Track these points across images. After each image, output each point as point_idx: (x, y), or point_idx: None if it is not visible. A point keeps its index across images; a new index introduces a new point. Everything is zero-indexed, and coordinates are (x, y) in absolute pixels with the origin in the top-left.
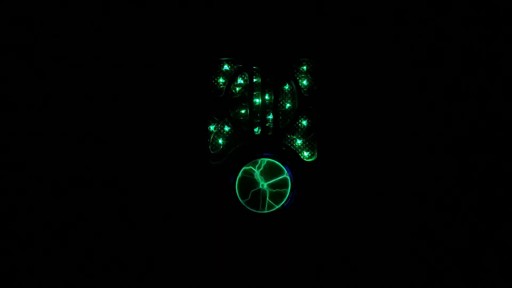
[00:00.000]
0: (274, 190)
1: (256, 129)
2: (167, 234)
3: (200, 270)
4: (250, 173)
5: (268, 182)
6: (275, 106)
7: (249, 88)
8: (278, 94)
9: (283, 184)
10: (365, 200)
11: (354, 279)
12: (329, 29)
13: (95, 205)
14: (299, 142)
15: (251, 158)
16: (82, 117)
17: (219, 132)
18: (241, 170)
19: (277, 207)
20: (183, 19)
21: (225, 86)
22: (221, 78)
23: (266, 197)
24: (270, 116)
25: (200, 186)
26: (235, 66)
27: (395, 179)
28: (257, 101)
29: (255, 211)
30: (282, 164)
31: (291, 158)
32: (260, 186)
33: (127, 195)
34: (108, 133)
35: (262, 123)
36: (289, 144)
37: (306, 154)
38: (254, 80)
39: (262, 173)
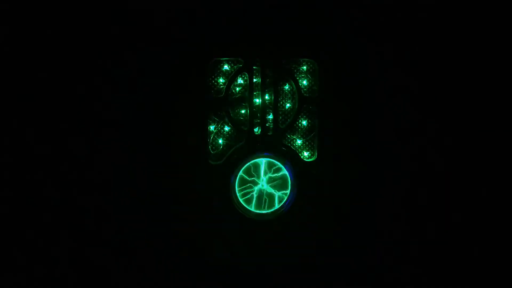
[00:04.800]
0: (274, 190)
1: (256, 129)
2: (167, 234)
3: (199, 270)
4: (250, 173)
5: (268, 182)
6: (275, 106)
7: (249, 88)
8: (278, 94)
9: (283, 183)
10: (364, 200)
11: (353, 279)
12: (329, 29)
13: (94, 205)
14: (299, 142)
15: (251, 158)
16: (82, 117)
17: (219, 132)
18: (241, 170)
19: (277, 206)
20: (184, 19)
21: (225, 86)
22: (221, 78)
23: (266, 196)
24: (270, 116)
25: (200, 186)
26: (235, 66)
27: (394, 179)
28: (257, 101)
29: (255, 211)
30: (282, 164)
31: (291, 158)
32: (260, 186)
33: (127, 195)
34: (108, 133)
35: (262, 123)
36: (289, 144)
37: (306, 154)
38: (254, 80)
39: (261, 173)
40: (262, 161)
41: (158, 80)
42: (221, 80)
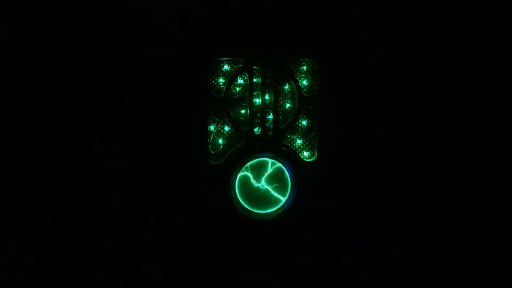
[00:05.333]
0: (274, 190)
1: (256, 129)
2: (167, 234)
3: (199, 271)
4: (250, 173)
5: (268, 182)
6: (275, 106)
7: (249, 88)
8: (278, 94)
9: (283, 183)
10: (365, 200)
11: (354, 279)
12: (329, 29)
13: (94, 205)
14: (299, 142)
15: (251, 158)
16: (81, 117)
17: (219, 132)
18: (241, 170)
19: (277, 207)
20: (184, 19)
21: (225, 86)
22: (221, 78)
23: (266, 197)
24: (270, 116)
25: (200, 186)
26: (235, 66)
27: (395, 179)
28: (257, 101)
29: (255, 210)
30: (282, 164)
31: (291, 158)
32: (260, 186)
33: (126, 195)
34: (108, 132)
35: (262, 123)
36: (289, 144)
37: (306, 154)
38: (254, 80)
39: (261, 173)
40: (262, 161)
41: (158, 80)
42: (221, 80)
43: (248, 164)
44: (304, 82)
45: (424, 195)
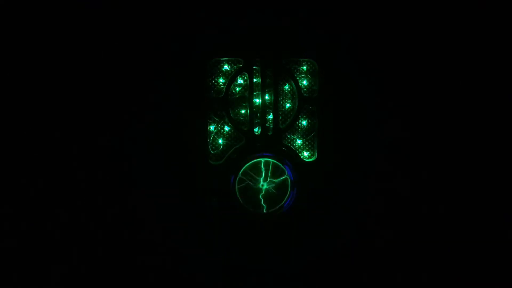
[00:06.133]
0: (274, 190)
1: (256, 129)
2: (167, 235)
3: (200, 271)
4: (249, 173)
5: (268, 182)
6: (275, 106)
7: (249, 88)
8: (278, 94)
9: (283, 184)
10: (365, 200)
11: (353, 279)
12: (329, 29)
13: (93, 206)
14: (299, 142)
15: (251, 158)
16: (81, 118)
17: (219, 132)
18: (241, 170)
19: (277, 207)
20: (183, 18)
21: (225, 86)
22: (221, 78)
23: (266, 197)
24: (270, 116)
25: (200, 186)
26: (235, 66)
27: (395, 179)
28: (257, 101)
29: (255, 211)
30: (282, 164)
31: (291, 158)
32: (260, 186)
33: (126, 195)
34: (108, 133)
35: (262, 123)
36: (289, 144)
37: (306, 154)
38: (254, 80)
39: (261, 173)
40: (262, 161)
41: (158, 80)
42: (221, 80)
43: (248, 164)
44: (304, 82)
45: (425, 195)
